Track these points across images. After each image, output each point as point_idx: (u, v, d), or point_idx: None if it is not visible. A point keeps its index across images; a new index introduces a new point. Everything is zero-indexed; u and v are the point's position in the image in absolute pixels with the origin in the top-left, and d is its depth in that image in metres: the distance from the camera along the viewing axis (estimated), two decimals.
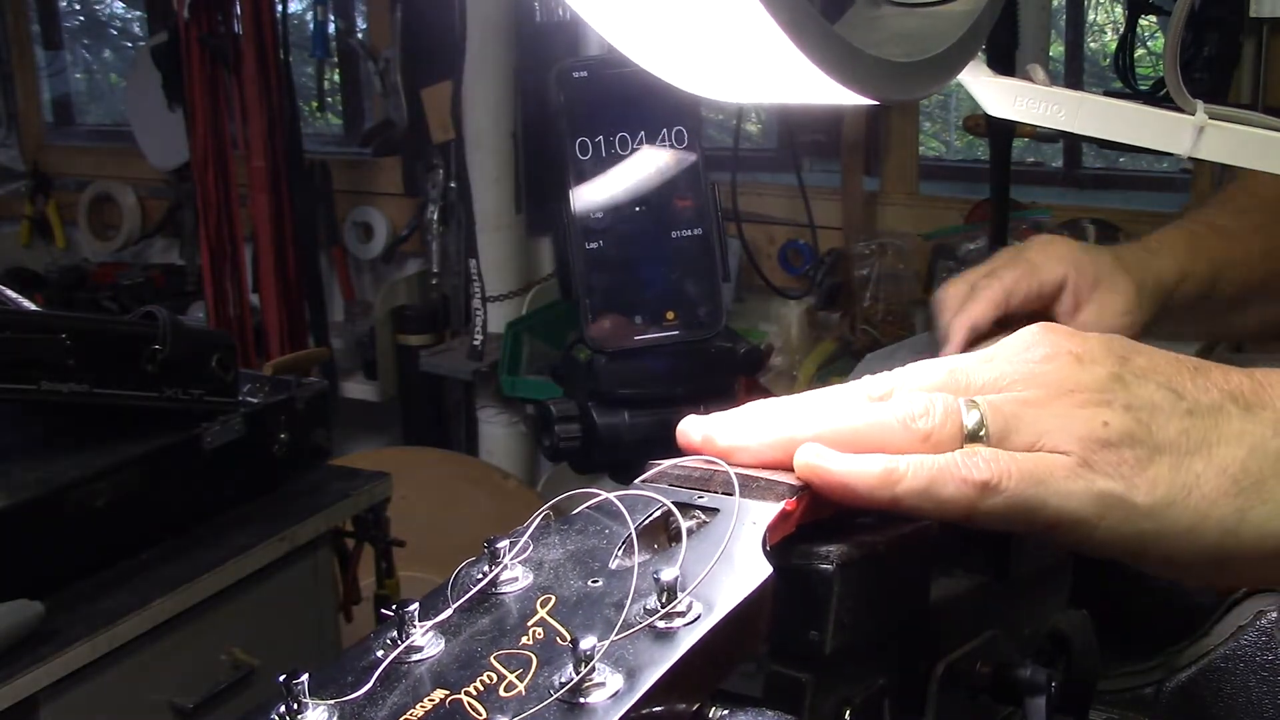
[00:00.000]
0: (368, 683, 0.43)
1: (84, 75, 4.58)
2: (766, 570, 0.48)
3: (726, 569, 0.48)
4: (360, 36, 3.62)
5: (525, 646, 0.45)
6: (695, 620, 0.45)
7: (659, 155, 0.88)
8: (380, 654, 0.45)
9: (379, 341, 3.23)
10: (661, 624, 0.45)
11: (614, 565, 0.49)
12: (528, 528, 0.51)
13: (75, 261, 3.87)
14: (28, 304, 1.41)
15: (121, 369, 1.39)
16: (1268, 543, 0.55)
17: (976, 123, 2.63)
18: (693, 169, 0.89)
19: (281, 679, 0.42)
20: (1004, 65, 1.92)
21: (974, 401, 0.55)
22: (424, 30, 3.06)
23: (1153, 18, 2.40)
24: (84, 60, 4.57)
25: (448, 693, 0.43)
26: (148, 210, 3.87)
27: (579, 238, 0.87)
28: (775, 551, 0.50)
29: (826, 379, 2.52)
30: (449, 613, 0.47)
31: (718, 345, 0.90)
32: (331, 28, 3.52)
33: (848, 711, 0.53)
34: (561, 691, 0.42)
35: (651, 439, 0.88)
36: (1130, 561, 0.57)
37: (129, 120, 3.65)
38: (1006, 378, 0.57)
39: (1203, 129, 0.76)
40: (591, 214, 0.87)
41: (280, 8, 3.05)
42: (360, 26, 3.71)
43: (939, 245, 2.69)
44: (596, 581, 0.48)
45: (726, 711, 0.47)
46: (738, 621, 0.46)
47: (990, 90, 0.77)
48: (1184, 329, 1.14)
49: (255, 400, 1.58)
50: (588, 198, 0.87)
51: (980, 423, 0.55)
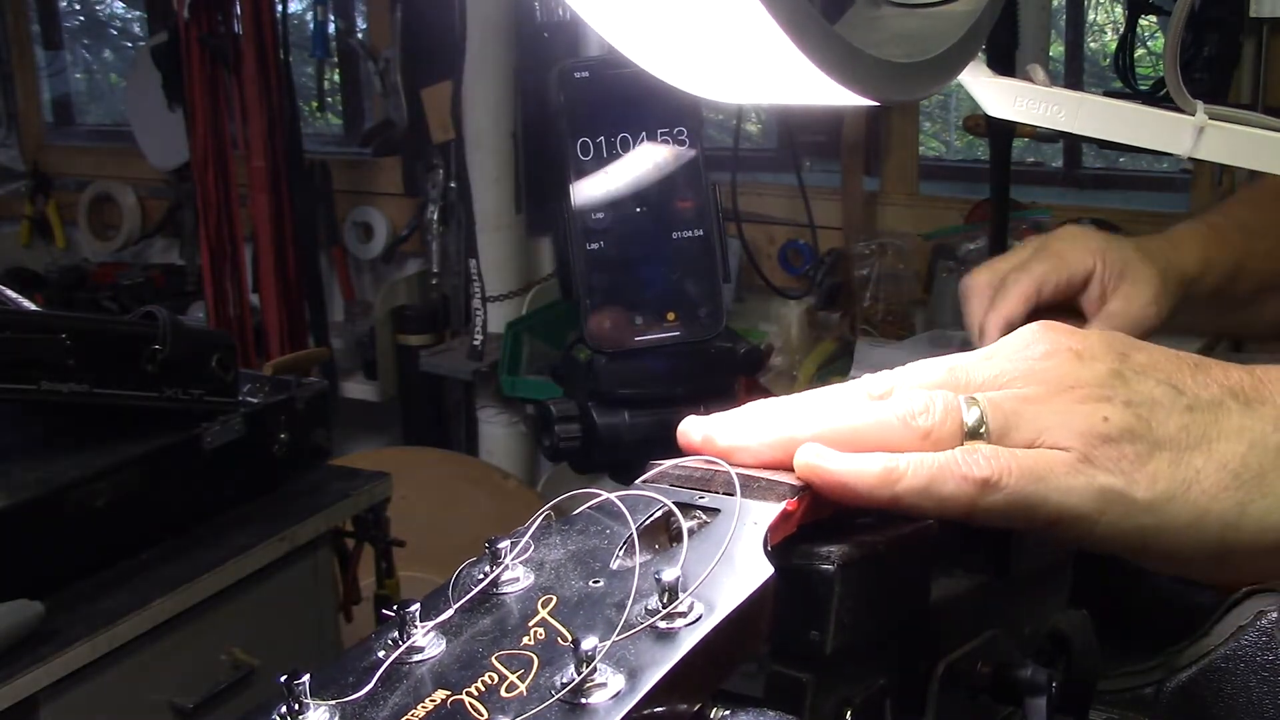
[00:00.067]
0: (369, 683, 0.43)
1: (84, 75, 4.58)
2: (768, 570, 0.48)
3: (727, 569, 0.48)
4: (360, 36, 3.62)
5: (526, 647, 0.45)
6: (696, 620, 0.45)
7: (659, 155, 0.88)
8: (381, 654, 0.45)
9: (379, 341, 3.23)
10: (663, 624, 0.45)
11: (615, 565, 0.49)
12: (529, 528, 0.51)
13: (75, 261, 3.87)
14: (28, 304, 1.41)
15: (121, 369, 1.39)
16: (1268, 537, 0.55)
17: (976, 123, 2.63)
18: (693, 169, 0.89)
19: (283, 679, 0.42)
20: (1004, 65, 1.93)
21: (974, 399, 0.56)
22: (424, 30, 3.06)
23: (1153, 18, 2.40)
24: (84, 60, 4.57)
25: (449, 693, 0.43)
26: (148, 210, 3.87)
27: (579, 238, 0.86)
28: (776, 552, 0.50)
29: (826, 379, 2.52)
30: (450, 613, 0.47)
31: (718, 345, 0.90)
32: (331, 28, 3.52)
33: (848, 711, 0.53)
34: (563, 692, 0.42)
35: (651, 439, 0.88)
36: (1131, 557, 0.57)
37: (129, 120, 3.65)
38: (1006, 375, 0.57)
39: (1203, 129, 0.76)
40: (592, 214, 0.87)
41: (280, 8, 3.05)
42: (360, 26, 3.71)
43: (939, 245, 2.70)
44: (598, 582, 0.48)
45: (728, 712, 0.47)
46: (739, 622, 0.46)
47: (990, 90, 0.77)
48: (1201, 322, 1.15)
49: (255, 400, 1.58)
50: (588, 198, 0.87)
51: (980, 420, 0.55)
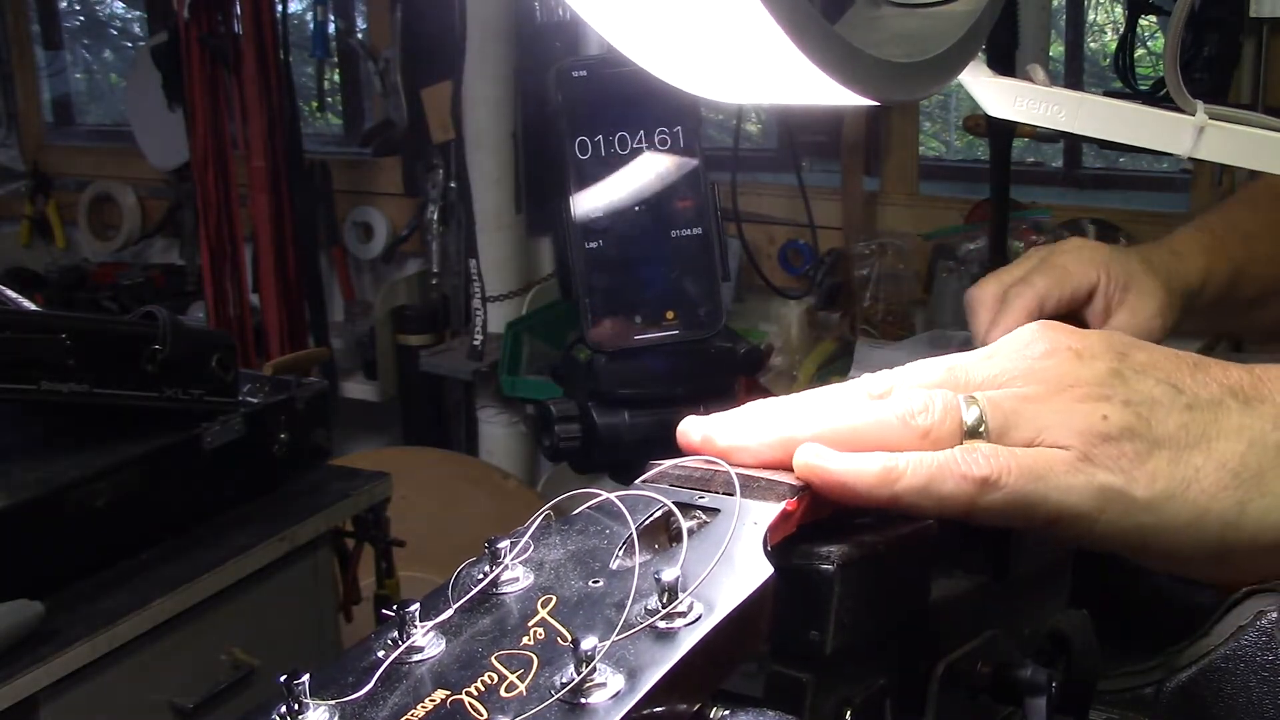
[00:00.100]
0: (369, 683, 0.43)
1: (84, 75, 4.58)
2: (767, 570, 0.48)
3: (727, 569, 0.48)
4: (360, 36, 3.62)
5: (526, 647, 0.44)
6: (696, 620, 0.45)
7: (659, 155, 0.88)
8: (381, 654, 0.45)
9: (379, 341, 3.23)
10: (662, 624, 0.45)
11: (615, 565, 0.49)
12: (528, 528, 0.51)
13: (75, 261, 3.87)
14: (28, 304, 1.41)
15: (121, 369, 1.39)
16: (1267, 535, 0.55)
17: (976, 123, 2.63)
18: (692, 169, 0.89)
19: (282, 679, 0.42)
20: (1004, 65, 1.93)
21: (973, 398, 0.56)
22: (424, 30, 3.06)
23: (1153, 18, 2.40)
24: (84, 60, 4.57)
25: (449, 693, 0.43)
26: (148, 210, 3.87)
27: (579, 237, 0.86)
28: (776, 552, 0.50)
29: (826, 379, 2.52)
30: (450, 613, 0.47)
31: (718, 345, 0.90)
32: (331, 28, 3.52)
33: (848, 711, 0.53)
34: (562, 692, 0.42)
35: (651, 439, 0.88)
36: (1131, 556, 0.57)
37: (129, 120, 3.65)
38: (1006, 374, 0.57)
39: (1203, 129, 0.76)
40: (591, 214, 0.87)
41: (280, 8, 3.05)
42: (360, 26, 3.71)
43: (939, 245, 2.70)
44: (597, 582, 0.48)
45: (727, 711, 0.47)
46: (739, 622, 0.46)
47: (990, 90, 0.77)
48: (1203, 326, 1.14)
49: (255, 400, 1.58)
50: (587, 197, 0.87)
51: (980, 419, 0.55)
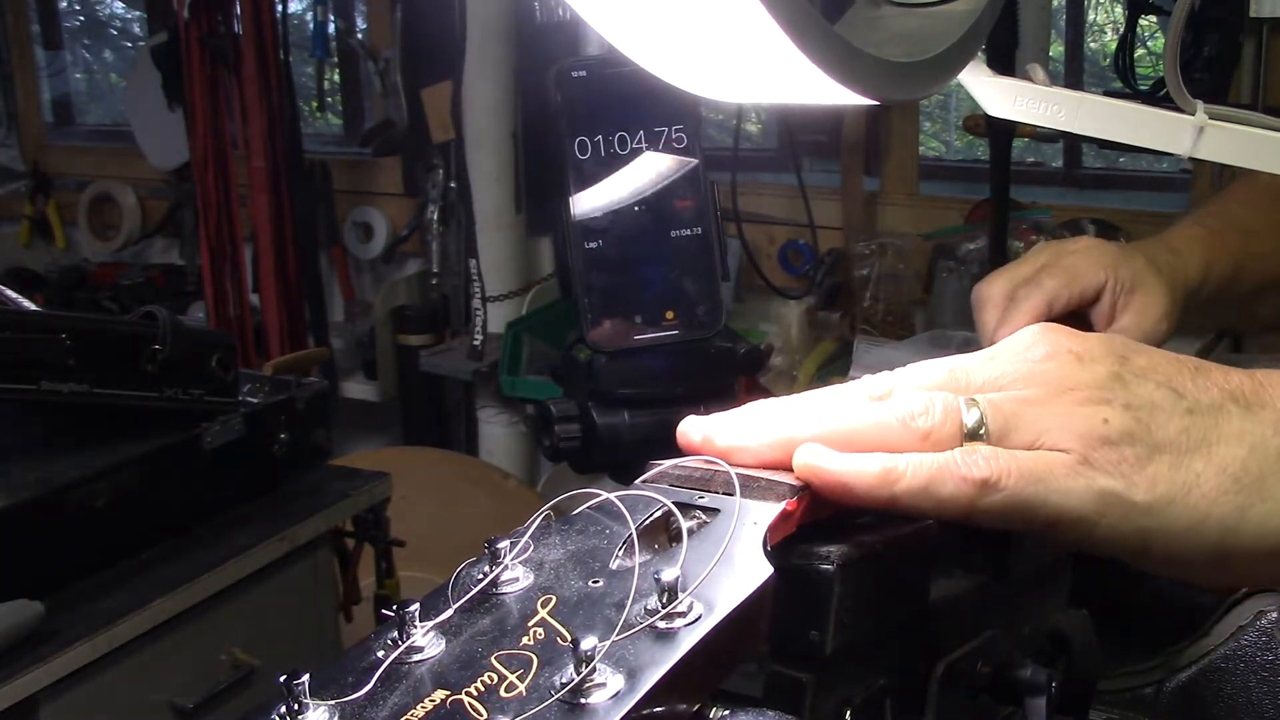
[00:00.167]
0: (368, 683, 0.43)
1: (84, 75, 4.58)
2: (767, 570, 0.48)
3: (727, 569, 0.48)
4: (360, 36, 3.62)
5: (526, 647, 0.44)
6: (696, 620, 0.45)
7: (659, 155, 0.88)
8: (381, 654, 0.45)
9: (379, 341, 3.23)
10: (662, 624, 0.45)
11: (615, 565, 0.49)
12: (528, 528, 0.51)
13: (75, 261, 3.87)
14: (28, 304, 1.41)
15: (121, 369, 1.39)
16: (1268, 541, 0.55)
17: (976, 123, 2.63)
18: (692, 169, 0.89)
19: (282, 679, 0.42)
20: (1004, 65, 1.92)
21: (974, 400, 0.56)
22: (424, 30, 3.06)
23: (1153, 18, 2.40)
24: (84, 60, 4.57)
25: (448, 693, 0.43)
26: (148, 210, 3.87)
27: (578, 237, 0.86)
28: (776, 552, 0.50)
29: (826, 379, 2.52)
30: (449, 613, 0.47)
31: (718, 345, 0.90)
32: (331, 28, 3.52)
33: (848, 711, 0.53)
34: (562, 692, 0.42)
35: (651, 439, 0.88)
36: (1131, 560, 0.57)
37: (129, 120, 3.65)
38: (1007, 376, 0.57)
39: (1203, 129, 0.76)
40: (591, 214, 0.87)
41: (280, 8, 3.05)
42: (360, 26, 3.71)
43: (939, 245, 2.69)
44: (597, 582, 0.48)
45: (727, 711, 0.47)
46: (738, 622, 0.46)
47: (990, 90, 0.77)
48: (1201, 321, 1.15)
49: (255, 400, 1.58)
50: (587, 197, 0.87)
51: (980, 421, 0.55)
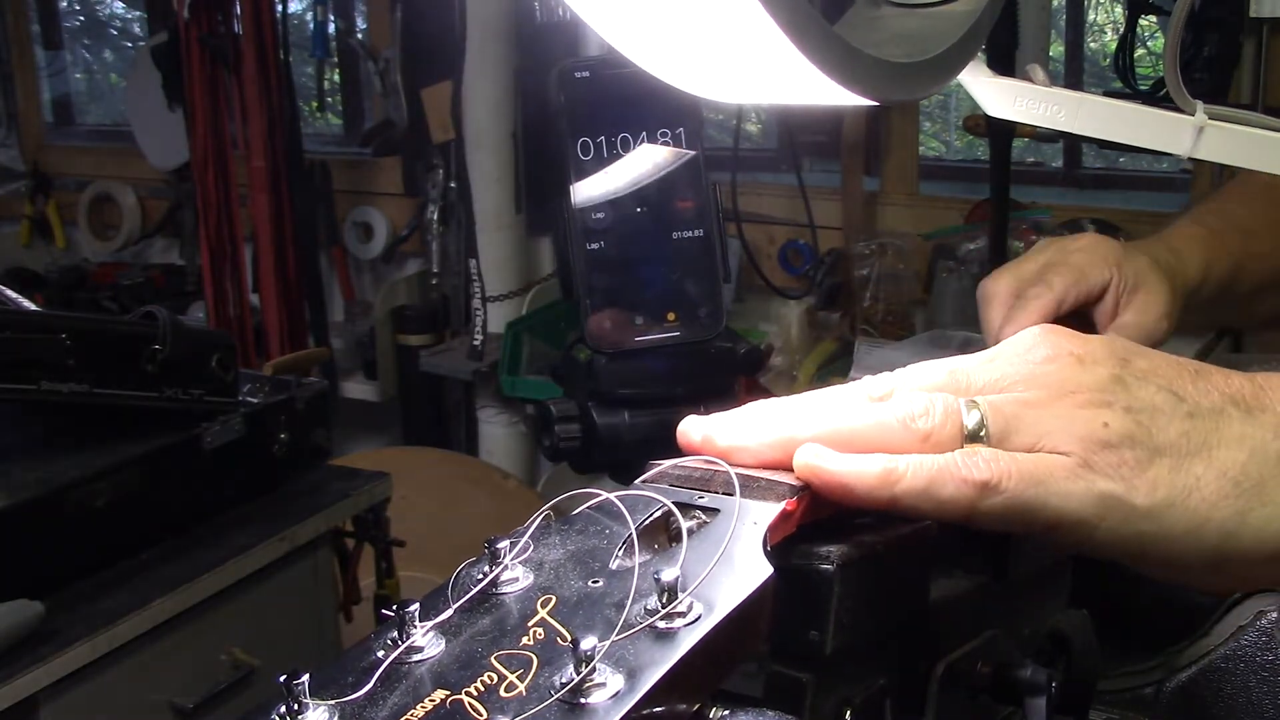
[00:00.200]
0: (368, 683, 0.43)
1: (84, 75, 4.58)
2: (767, 570, 0.48)
3: (727, 569, 0.48)
4: (360, 36, 3.62)
5: (526, 647, 0.44)
6: (696, 620, 0.45)
7: (659, 155, 0.88)
8: (381, 654, 0.45)
9: (379, 341, 3.23)
10: (662, 624, 0.45)
11: (614, 565, 0.49)
12: (528, 528, 0.51)
13: (75, 261, 3.87)
14: (28, 304, 1.41)
15: (121, 369, 1.39)
16: (1267, 546, 0.55)
17: (976, 123, 2.63)
18: (693, 169, 0.89)
19: (282, 679, 0.42)
20: (1004, 65, 1.93)
21: (974, 402, 0.55)
22: (424, 30, 3.06)
23: (1153, 18, 2.40)
24: (84, 60, 4.57)
25: (448, 693, 0.43)
26: (148, 210, 3.87)
27: (580, 238, 0.86)
28: (776, 552, 0.50)
29: (826, 379, 2.52)
30: (449, 613, 0.47)
31: (718, 345, 0.90)
32: (331, 28, 3.52)
33: (848, 711, 0.53)
34: (562, 692, 0.42)
35: (651, 439, 0.88)
36: (1130, 563, 0.57)
37: (129, 120, 3.65)
38: (1007, 378, 0.57)
39: (1203, 129, 0.76)
40: (592, 214, 0.87)
41: (280, 8, 3.05)
42: (360, 26, 3.71)
43: (939, 245, 2.70)
44: (597, 582, 0.48)
45: (727, 711, 0.47)
46: (738, 622, 0.46)
47: (990, 90, 0.77)
48: (1200, 320, 1.15)
49: (255, 400, 1.58)
50: (588, 198, 0.87)
51: (980, 423, 0.55)
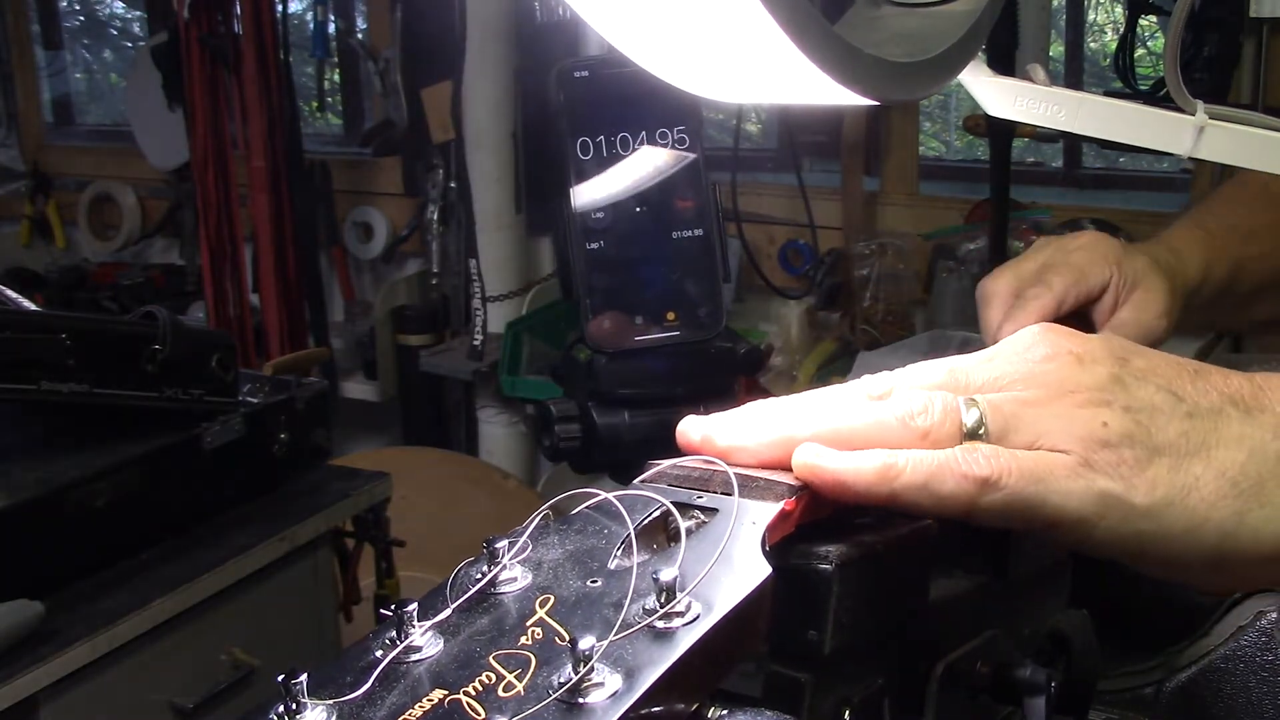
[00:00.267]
0: (366, 683, 0.43)
1: (84, 75, 4.58)
2: (766, 570, 0.48)
3: (725, 569, 0.48)
4: (360, 36, 3.62)
5: (524, 646, 0.44)
6: (694, 620, 0.45)
7: (659, 155, 0.88)
8: (379, 654, 0.45)
9: (379, 341, 3.23)
10: (660, 624, 0.45)
11: (613, 565, 0.49)
12: (527, 528, 0.51)
13: (75, 261, 3.87)
14: (28, 304, 1.41)
15: (121, 369, 1.39)
16: (1265, 546, 0.55)
17: (976, 123, 2.63)
18: (693, 169, 0.89)
19: (280, 679, 0.42)
20: (1004, 65, 1.93)
21: (973, 400, 0.55)
22: (424, 30, 3.06)
23: (1153, 18, 2.40)
24: (84, 60, 4.57)
25: (446, 693, 0.43)
26: (148, 210, 3.87)
27: (579, 238, 0.86)
28: (774, 551, 0.50)
29: (826, 379, 2.52)
30: (448, 613, 0.47)
31: (718, 345, 0.90)
32: (331, 28, 3.52)
33: (847, 711, 0.53)
34: (560, 691, 0.42)
35: (651, 439, 0.88)
36: (1129, 562, 0.57)
37: (129, 120, 3.65)
38: (1007, 377, 0.57)
39: (1203, 129, 0.76)
40: (592, 214, 0.87)
41: (280, 8, 3.05)
42: (360, 26, 3.71)
43: (939, 245, 2.70)
44: (595, 581, 0.48)
45: (725, 711, 0.47)
46: (737, 621, 0.46)
47: (990, 90, 0.77)
48: (1199, 320, 1.15)
49: (255, 400, 1.58)
50: (588, 198, 0.87)
51: (980, 421, 0.55)
